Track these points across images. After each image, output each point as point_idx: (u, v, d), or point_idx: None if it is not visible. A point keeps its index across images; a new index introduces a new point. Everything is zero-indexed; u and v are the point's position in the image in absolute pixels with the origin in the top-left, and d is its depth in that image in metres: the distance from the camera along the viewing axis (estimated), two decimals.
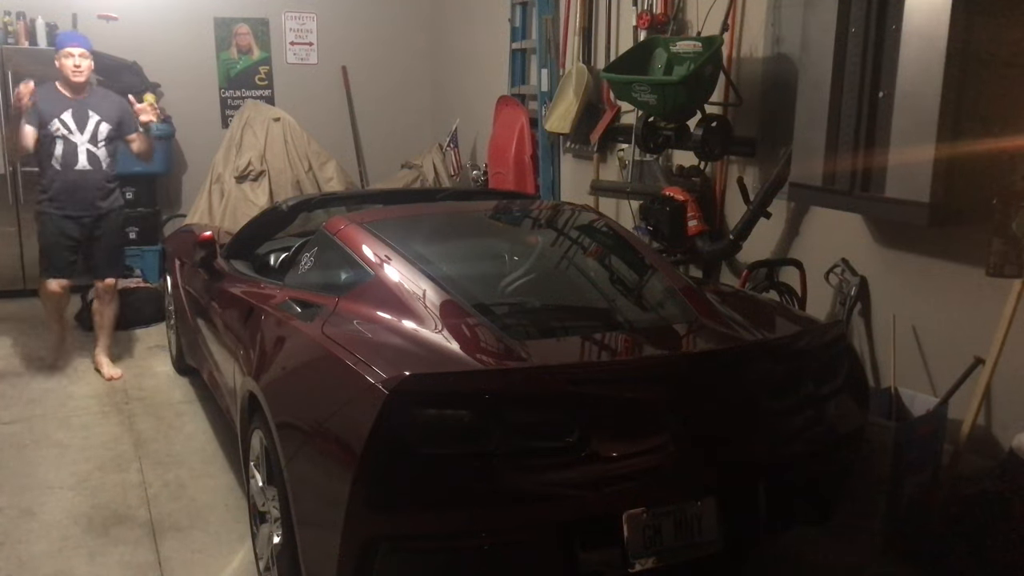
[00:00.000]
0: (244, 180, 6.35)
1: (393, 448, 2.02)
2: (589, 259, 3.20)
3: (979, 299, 2.99)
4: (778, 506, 2.41)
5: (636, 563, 2.18)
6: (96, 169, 4.51)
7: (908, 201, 2.92)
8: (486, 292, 2.74)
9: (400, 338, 2.41)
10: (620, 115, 4.87)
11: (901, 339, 3.22)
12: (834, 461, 2.61)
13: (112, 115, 4.53)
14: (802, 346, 2.56)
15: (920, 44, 2.84)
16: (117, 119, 4.55)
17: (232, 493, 3.40)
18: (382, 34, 7.59)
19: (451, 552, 2.12)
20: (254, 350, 2.82)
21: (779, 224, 3.87)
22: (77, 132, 4.44)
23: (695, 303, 2.73)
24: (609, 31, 4.97)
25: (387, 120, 7.64)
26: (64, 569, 2.89)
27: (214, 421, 4.11)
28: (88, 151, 4.46)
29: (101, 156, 4.51)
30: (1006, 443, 2.88)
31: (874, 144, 3.05)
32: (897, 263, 3.33)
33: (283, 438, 2.40)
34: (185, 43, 6.96)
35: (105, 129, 4.50)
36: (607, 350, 2.51)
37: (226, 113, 7.19)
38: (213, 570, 2.90)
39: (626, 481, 2.17)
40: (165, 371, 4.89)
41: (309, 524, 2.28)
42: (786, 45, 3.72)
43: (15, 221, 6.27)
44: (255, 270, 3.68)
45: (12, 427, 4.06)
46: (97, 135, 4.49)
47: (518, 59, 6.13)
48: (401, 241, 2.90)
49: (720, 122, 3.91)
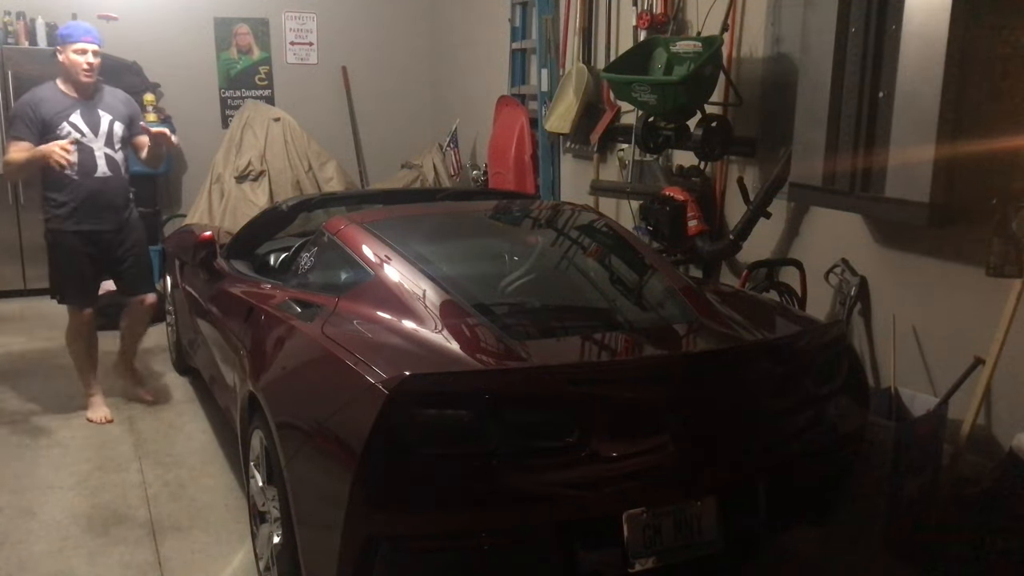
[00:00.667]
0: (244, 180, 6.35)
1: (393, 448, 2.02)
2: (589, 259, 3.20)
3: (979, 299, 2.99)
4: (778, 506, 2.41)
5: (636, 563, 2.18)
6: (116, 175, 4.02)
7: (908, 201, 2.92)
8: (486, 292, 2.74)
9: (400, 338, 2.41)
10: (620, 115, 4.87)
11: (901, 339, 3.22)
12: (834, 461, 2.61)
13: (123, 113, 4.08)
14: (802, 346, 2.56)
15: (920, 44, 2.84)
16: (128, 117, 4.10)
17: (232, 493, 3.40)
18: (382, 34, 7.60)
19: (451, 552, 2.11)
20: (254, 350, 2.82)
21: (779, 224, 3.87)
22: (91, 135, 3.93)
23: (695, 303, 2.73)
24: (609, 31, 4.97)
25: (387, 120, 7.64)
26: (64, 569, 2.89)
27: (214, 421, 4.11)
28: (107, 155, 3.97)
29: (120, 160, 4.05)
30: (1006, 443, 2.88)
31: (874, 144, 3.05)
32: (897, 263, 3.33)
33: (283, 438, 2.40)
34: (185, 43, 6.96)
35: (120, 129, 4.03)
36: (607, 350, 2.51)
37: (226, 113, 7.19)
38: (213, 570, 2.90)
39: (626, 481, 2.17)
40: (165, 371, 4.89)
41: (309, 524, 2.28)
42: (786, 45, 3.72)
43: (15, 221, 6.28)
44: (255, 270, 3.68)
45: (12, 427, 4.06)
46: (113, 137, 4.00)
47: (518, 59, 6.13)
48: (401, 241, 2.90)
49: (720, 122, 3.91)
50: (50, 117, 3.83)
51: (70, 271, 4.00)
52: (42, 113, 3.82)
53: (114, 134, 4.00)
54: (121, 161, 4.06)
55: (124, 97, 4.16)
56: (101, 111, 3.98)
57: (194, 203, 6.43)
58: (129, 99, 4.18)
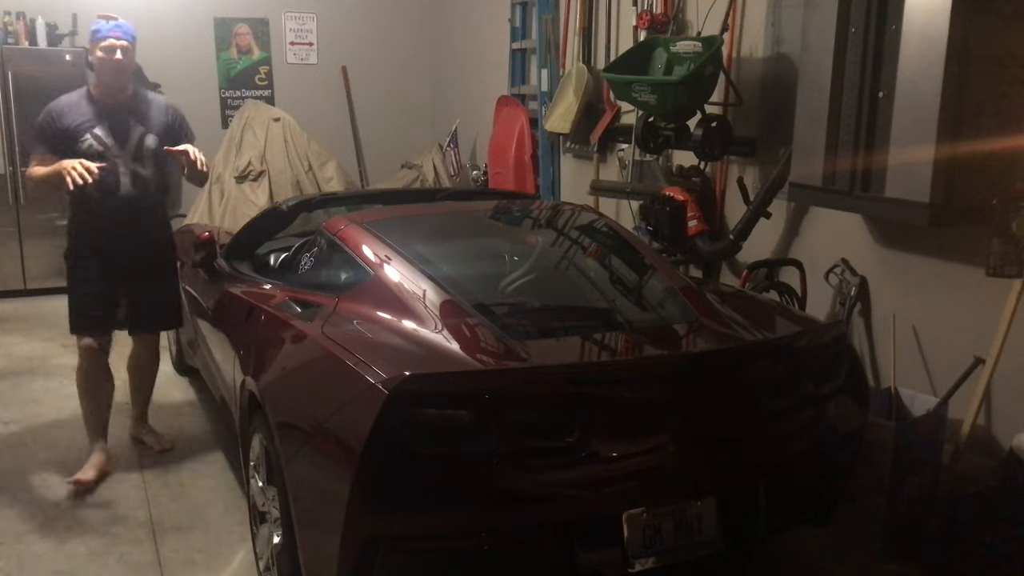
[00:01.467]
0: (244, 180, 6.35)
1: (393, 448, 2.02)
2: (589, 259, 3.20)
3: (979, 299, 2.99)
4: (778, 506, 2.41)
5: (636, 563, 2.18)
6: (143, 193, 3.53)
7: (908, 201, 2.92)
8: (486, 292, 2.74)
9: (400, 338, 2.41)
10: (620, 115, 4.88)
11: (901, 339, 3.22)
12: (834, 461, 2.61)
13: (160, 124, 3.58)
14: (802, 346, 2.56)
15: (920, 44, 2.84)
16: (166, 128, 3.59)
17: (232, 493, 3.40)
18: (382, 34, 7.60)
19: (451, 552, 2.11)
20: (254, 350, 2.82)
21: (779, 224, 3.87)
22: (117, 148, 3.46)
23: (695, 303, 2.73)
24: (609, 31, 4.97)
25: (387, 120, 7.65)
26: (64, 569, 2.89)
27: (214, 421, 4.11)
28: (133, 173, 3.48)
29: (149, 177, 3.54)
30: (1006, 443, 2.88)
31: (874, 144, 3.05)
32: (897, 263, 3.33)
33: (283, 438, 2.39)
34: (185, 43, 6.96)
35: (153, 142, 3.53)
36: (607, 350, 2.51)
37: (226, 113, 7.20)
38: (213, 570, 2.90)
39: (626, 481, 2.17)
40: (165, 371, 4.88)
41: (309, 524, 2.28)
42: (786, 45, 3.72)
43: (15, 221, 6.28)
44: (255, 270, 3.68)
45: (12, 427, 4.06)
46: (143, 151, 3.51)
47: (518, 59, 6.13)
48: (401, 241, 2.90)
49: (720, 122, 3.91)
50: (73, 128, 3.41)
51: (77, 296, 3.56)
52: (64, 123, 3.41)
53: (145, 148, 3.52)
54: (151, 178, 3.56)
55: (164, 105, 3.67)
56: (133, 122, 3.52)
57: (194, 203, 6.43)
58: (171, 107, 3.69)
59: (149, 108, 3.59)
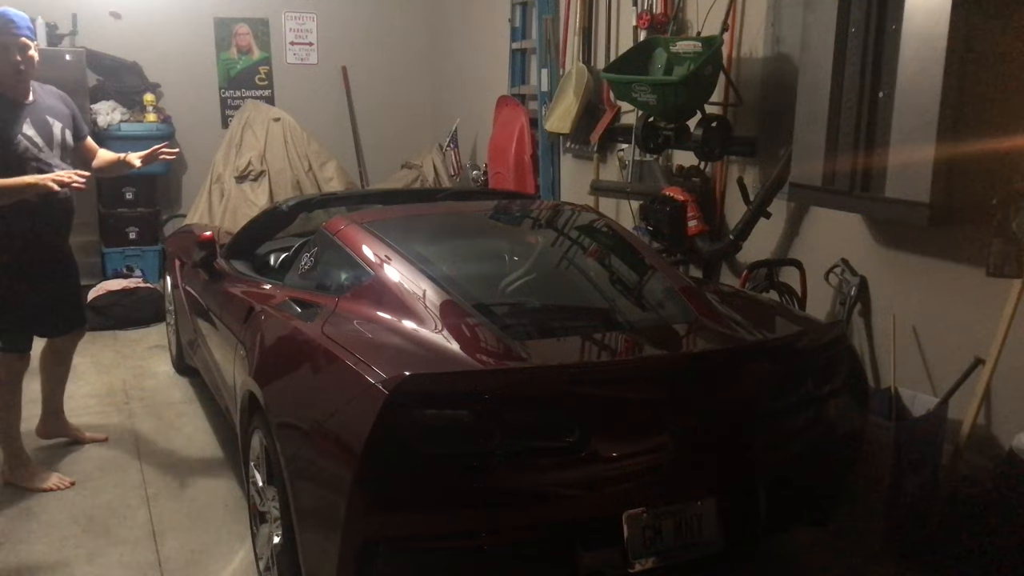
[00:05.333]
0: (244, 180, 6.36)
1: (393, 448, 2.02)
2: (589, 259, 3.20)
3: (979, 299, 2.99)
4: (778, 506, 2.41)
5: (636, 563, 2.18)
6: (71, 195, 3.27)
7: (908, 201, 2.92)
8: (486, 292, 2.74)
9: (400, 338, 2.41)
10: (620, 115, 4.88)
11: (901, 339, 3.22)
12: (834, 461, 2.61)
13: (67, 115, 3.39)
14: (802, 346, 2.56)
15: (920, 44, 2.84)
16: (71, 119, 3.40)
17: (232, 493, 3.40)
18: (382, 34, 7.60)
19: (451, 552, 2.11)
20: (254, 350, 2.82)
21: (779, 224, 3.87)
22: (46, 148, 3.22)
23: (695, 303, 2.73)
24: (609, 31, 4.97)
25: (387, 120, 7.65)
26: (64, 569, 2.89)
27: (214, 421, 4.11)
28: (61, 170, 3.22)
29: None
30: (1006, 443, 2.88)
31: (874, 144, 3.05)
32: (897, 263, 3.33)
33: (283, 438, 2.39)
34: (185, 43, 6.96)
35: (69, 136, 3.35)
36: (607, 350, 2.51)
37: (226, 113, 7.19)
38: (213, 570, 2.90)
39: (626, 481, 2.17)
40: (165, 371, 4.89)
41: (309, 524, 2.28)
42: (786, 45, 3.72)
43: None
44: (255, 270, 3.68)
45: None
46: (65, 147, 3.32)
47: (518, 59, 6.13)
48: (401, 241, 2.90)
49: (720, 122, 3.91)
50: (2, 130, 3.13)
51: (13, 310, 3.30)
52: None
53: (66, 143, 3.32)
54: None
55: (59, 93, 3.43)
56: (49, 117, 3.28)
57: (194, 203, 6.44)
58: (65, 95, 3.45)
59: (53, 100, 3.37)
